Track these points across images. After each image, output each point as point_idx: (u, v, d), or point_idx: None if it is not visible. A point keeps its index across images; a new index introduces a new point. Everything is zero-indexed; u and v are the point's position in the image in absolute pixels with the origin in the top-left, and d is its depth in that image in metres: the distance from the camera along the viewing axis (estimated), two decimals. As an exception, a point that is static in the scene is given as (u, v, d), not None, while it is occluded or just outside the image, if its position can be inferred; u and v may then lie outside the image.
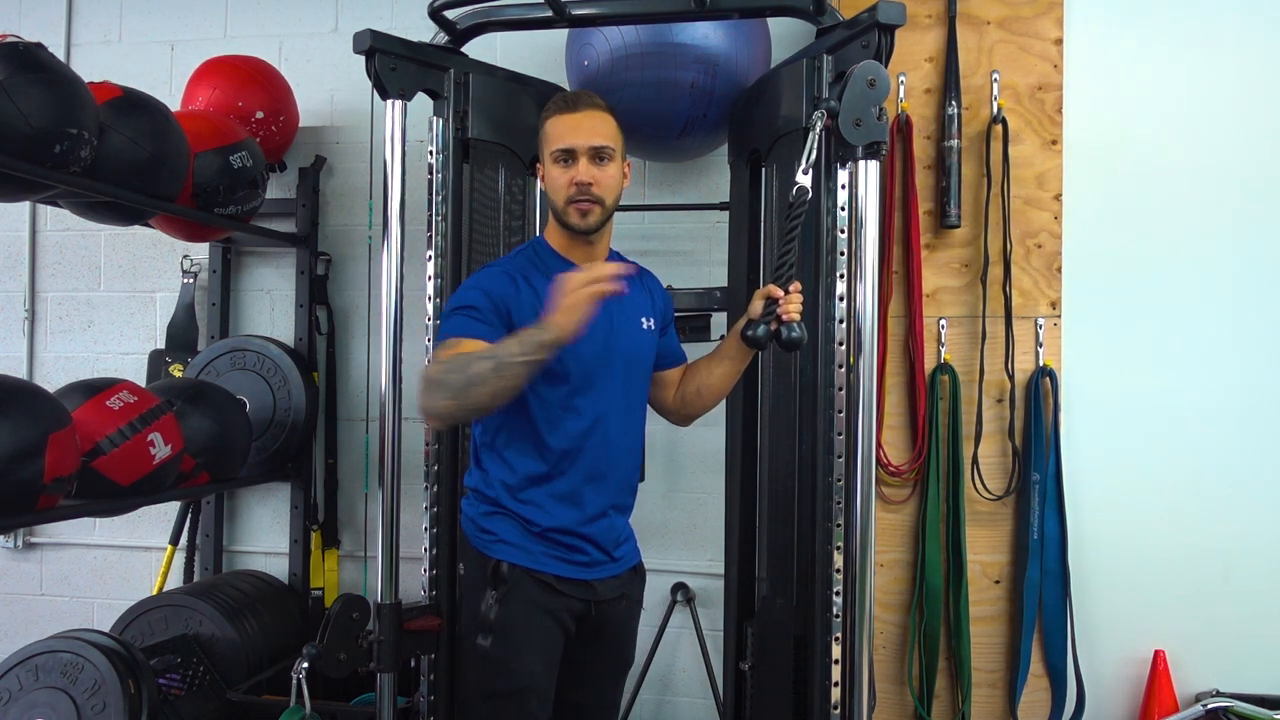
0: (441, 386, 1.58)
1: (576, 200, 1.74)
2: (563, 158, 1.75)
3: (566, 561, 1.77)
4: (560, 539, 1.77)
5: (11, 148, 1.84)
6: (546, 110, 1.81)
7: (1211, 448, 2.51)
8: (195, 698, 2.40)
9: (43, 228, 3.13)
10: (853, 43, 1.87)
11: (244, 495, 3.03)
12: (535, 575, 1.75)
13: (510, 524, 1.77)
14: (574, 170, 1.74)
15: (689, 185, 2.80)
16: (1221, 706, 2.36)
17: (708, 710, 2.71)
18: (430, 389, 1.60)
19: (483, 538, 1.78)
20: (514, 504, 1.77)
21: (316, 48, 3.00)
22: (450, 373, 1.58)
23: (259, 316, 3.03)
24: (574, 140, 1.74)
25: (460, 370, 1.57)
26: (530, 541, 1.76)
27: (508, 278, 1.75)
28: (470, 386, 1.56)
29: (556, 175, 1.76)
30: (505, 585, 1.73)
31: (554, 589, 1.76)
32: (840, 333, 1.90)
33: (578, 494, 1.78)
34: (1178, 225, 2.54)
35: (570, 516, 1.77)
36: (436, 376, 1.60)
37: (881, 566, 2.59)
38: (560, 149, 1.75)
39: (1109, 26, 2.57)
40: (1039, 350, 2.53)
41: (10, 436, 1.80)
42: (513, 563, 1.74)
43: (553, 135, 1.77)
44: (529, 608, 1.74)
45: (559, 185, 1.76)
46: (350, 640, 1.95)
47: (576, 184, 1.74)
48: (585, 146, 1.74)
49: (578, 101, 1.79)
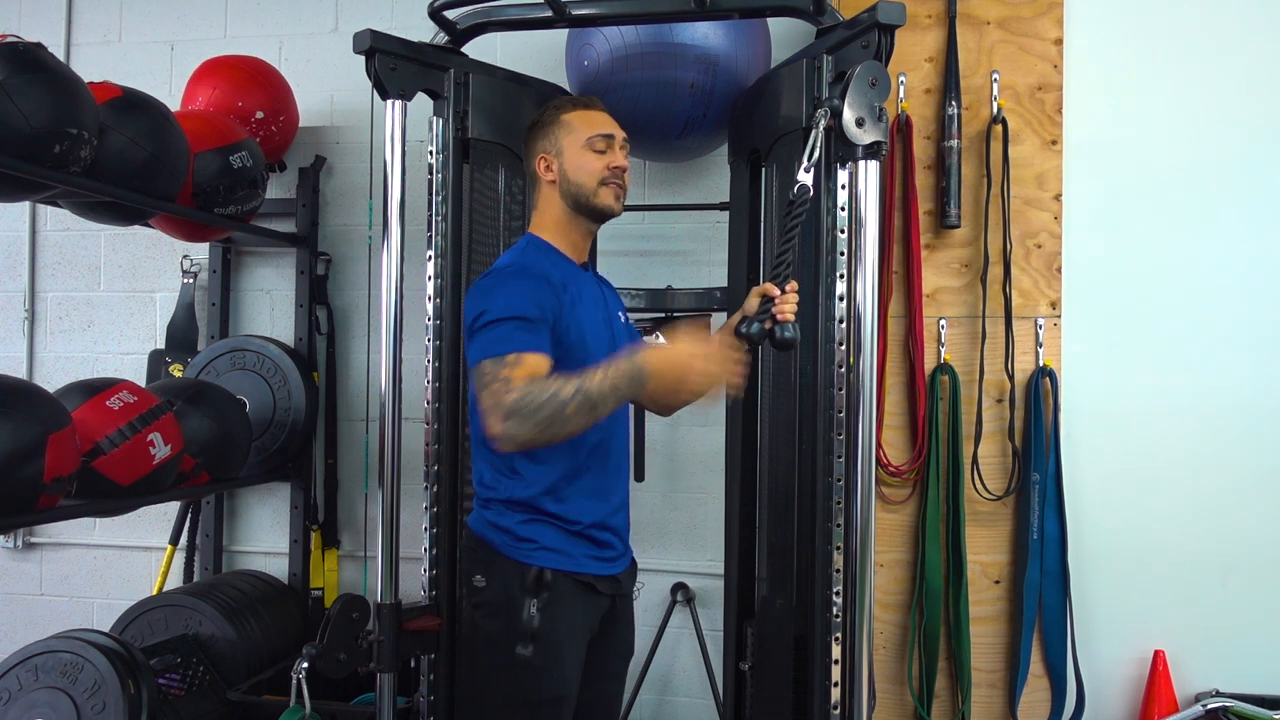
0: (525, 417, 1.53)
1: (612, 183, 1.80)
2: (602, 143, 1.80)
3: (601, 560, 1.79)
4: (596, 535, 1.78)
5: (11, 148, 1.84)
6: (557, 107, 1.84)
7: (1211, 448, 2.51)
8: (195, 698, 2.40)
9: (43, 228, 3.14)
10: (853, 43, 1.87)
11: (244, 495, 3.03)
12: (576, 578, 1.75)
13: (550, 529, 1.75)
14: (611, 156, 1.80)
15: (689, 185, 2.80)
16: (1221, 706, 2.36)
17: (708, 710, 2.71)
18: (512, 417, 1.54)
19: (521, 546, 1.74)
20: (555, 505, 1.75)
21: (316, 48, 3.01)
22: (535, 405, 1.52)
23: (259, 316, 3.03)
24: (611, 128, 1.82)
25: (547, 404, 1.52)
26: (571, 544, 1.75)
27: (546, 283, 1.71)
28: (558, 422, 1.53)
29: (590, 160, 1.79)
30: (548, 592, 1.71)
31: (593, 589, 1.77)
32: (840, 332, 1.90)
33: (605, 487, 1.80)
34: (1178, 225, 2.54)
35: (602, 509, 1.79)
36: (516, 405, 1.53)
37: (881, 566, 2.59)
38: (601, 134, 1.80)
39: (1109, 26, 2.57)
40: (1039, 350, 2.53)
41: (10, 436, 1.79)
42: (555, 569, 1.73)
43: (583, 124, 1.81)
44: (569, 614, 1.74)
45: (594, 169, 1.79)
46: (350, 640, 1.95)
47: (614, 168, 1.79)
48: (620, 136, 1.83)
49: (593, 100, 1.86)
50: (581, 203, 1.80)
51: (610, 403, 1.56)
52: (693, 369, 1.57)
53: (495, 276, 1.74)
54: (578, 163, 1.79)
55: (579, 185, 1.79)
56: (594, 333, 1.77)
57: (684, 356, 1.57)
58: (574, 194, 1.80)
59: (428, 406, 2.12)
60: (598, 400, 1.54)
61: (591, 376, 1.55)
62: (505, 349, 1.61)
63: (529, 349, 1.61)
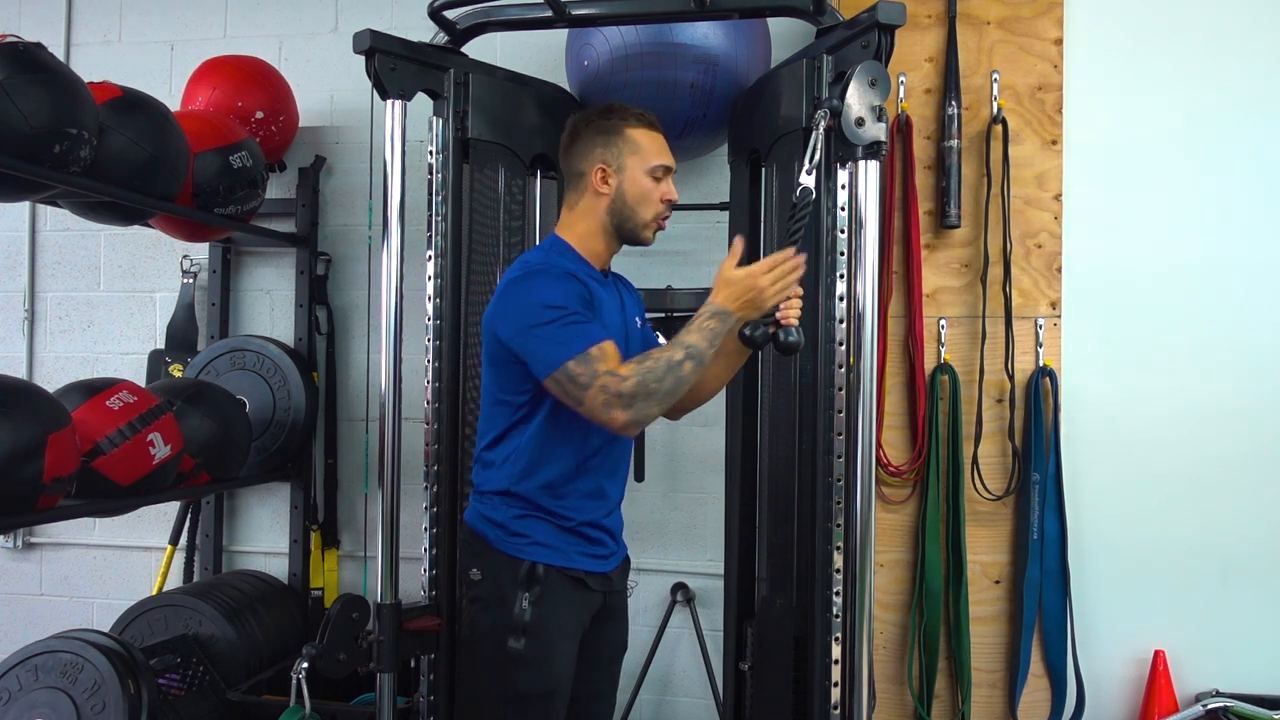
0: (650, 395, 1.59)
1: (663, 219, 1.81)
2: (661, 173, 1.79)
3: (593, 556, 1.80)
4: (589, 532, 1.79)
5: (11, 148, 1.84)
6: (623, 117, 1.80)
7: (1211, 447, 2.51)
8: (195, 698, 2.40)
9: (43, 228, 3.13)
10: (853, 43, 1.87)
11: (244, 495, 3.03)
12: (568, 574, 1.76)
13: (543, 524, 1.76)
14: (665, 188, 1.80)
15: (689, 185, 2.80)
16: (1221, 706, 2.36)
17: (708, 710, 2.71)
18: (638, 401, 1.58)
19: (514, 541, 1.76)
20: (551, 502, 1.76)
21: (316, 48, 3.00)
22: (655, 381, 1.59)
23: (259, 316, 3.03)
24: (671, 160, 1.82)
25: (667, 375, 1.60)
26: (563, 540, 1.76)
27: (576, 281, 1.72)
28: (681, 384, 1.62)
29: (651, 189, 1.78)
30: (539, 586, 1.73)
31: (585, 585, 1.78)
32: (840, 333, 1.90)
33: (602, 489, 1.81)
34: (1178, 225, 2.54)
35: (598, 509, 1.80)
36: (639, 389, 1.58)
37: (881, 566, 2.59)
38: (663, 165, 1.79)
39: (1109, 26, 2.57)
40: (1039, 350, 2.53)
41: (10, 436, 1.79)
42: (547, 564, 1.74)
43: (651, 148, 1.79)
44: (561, 608, 1.75)
45: (653, 199, 1.79)
46: (350, 640, 1.95)
47: (668, 201, 1.80)
48: (673, 168, 1.82)
49: (656, 121, 1.83)
50: (627, 228, 1.79)
51: (711, 349, 1.65)
52: (760, 286, 1.66)
53: (536, 278, 1.71)
54: (641, 189, 1.77)
55: (633, 211, 1.78)
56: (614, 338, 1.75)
57: (745, 278, 1.66)
58: (624, 215, 1.78)
59: (428, 406, 2.12)
60: (705, 349, 1.64)
61: (688, 334, 1.64)
62: (582, 345, 1.62)
63: (601, 338, 1.64)
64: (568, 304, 1.65)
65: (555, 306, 1.64)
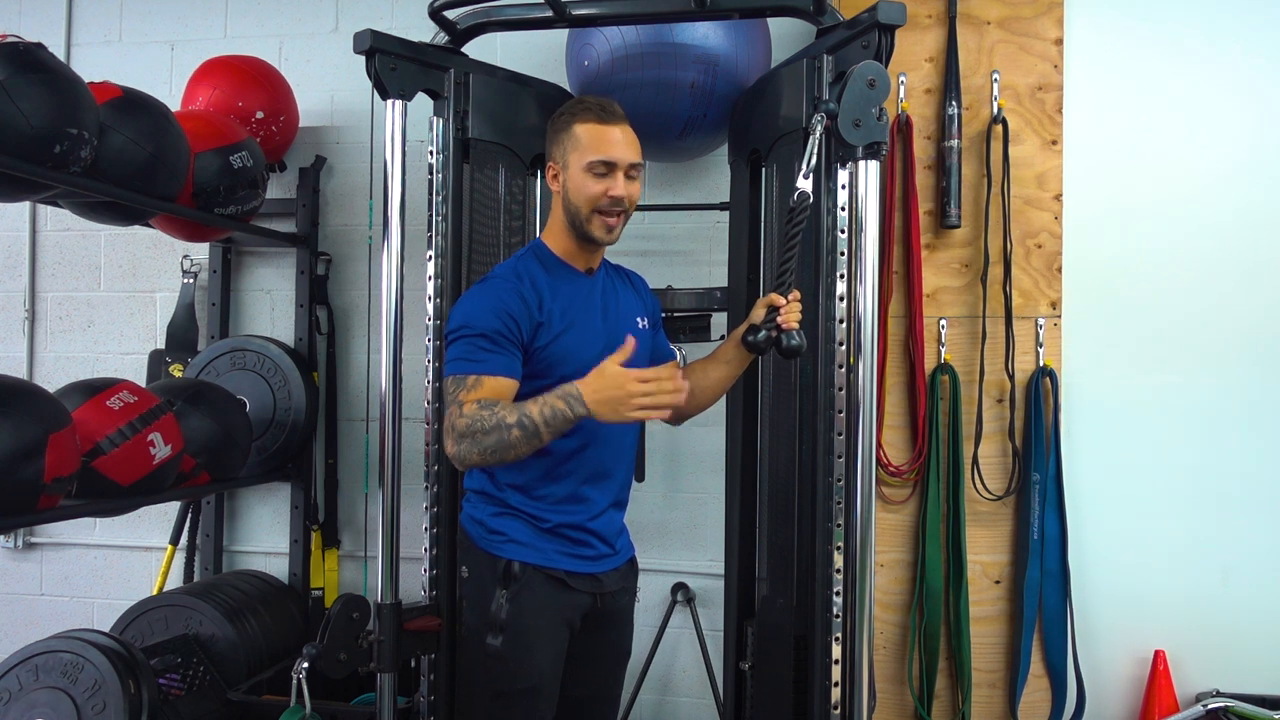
0: (472, 442, 1.61)
1: (607, 212, 1.75)
2: (602, 169, 1.74)
3: (576, 556, 1.79)
4: (569, 534, 1.78)
5: (11, 148, 1.84)
6: (574, 113, 1.78)
7: (1211, 448, 2.51)
8: (195, 698, 2.40)
9: (43, 228, 3.14)
10: (853, 43, 1.87)
11: (244, 495, 3.03)
12: (547, 572, 1.76)
13: (520, 523, 1.77)
14: (609, 183, 1.74)
15: (689, 185, 2.80)
16: (1221, 706, 2.36)
17: (708, 710, 2.71)
18: (462, 441, 1.61)
19: (492, 538, 1.78)
20: (525, 503, 1.77)
21: (316, 48, 3.01)
22: (481, 432, 1.59)
23: (259, 316, 3.03)
24: (616, 154, 1.75)
25: (492, 432, 1.59)
26: (541, 539, 1.77)
27: (518, 296, 1.71)
28: (502, 449, 1.60)
29: (589, 184, 1.74)
30: (516, 584, 1.74)
31: (566, 585, 1.77)
32: (840, 333, 1.90)
33: (580, 494, 1.79)
34: (1178, 225, 2.54)
35: (579, 514, 1.79)
36: (466, 430, 1.61)
37: (881, 566, 2.59)
38: (601, 159, 1.73)
39: (1109, 26, 2.58)
40: (1039, 350, 2.53)
41: (10, 436, 1.79)
42: (524, 561, 1.75)
43: (590, 143, 1.75)
44: (539, 606, 1.75)
45: (590, 194, 1.74)
46: (350, 640, 1.95)
47: (612, 197, 1.74)
48: (626, 163, 1.76)
49: (612, 112, 1.77)
50: (577, 225, 1.78)
51: (550, 430, 1.59)
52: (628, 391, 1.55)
53: (477, 292, 1.76)
54: (578, 184, 1.75)
55: (576, 207, 1.77)
56: (584, 341, 1.76)
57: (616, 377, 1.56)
58: (571, 212, 1.78)
59: (428, 406, 2.12)
60: (540, 427, 1.58)
61: (533, 404, 1.60)
62: (467, 369, 1.67)
63: (489, 371, 1.66)
64: (485, 326, 1.68)
65: (468, 325, 1.69)
